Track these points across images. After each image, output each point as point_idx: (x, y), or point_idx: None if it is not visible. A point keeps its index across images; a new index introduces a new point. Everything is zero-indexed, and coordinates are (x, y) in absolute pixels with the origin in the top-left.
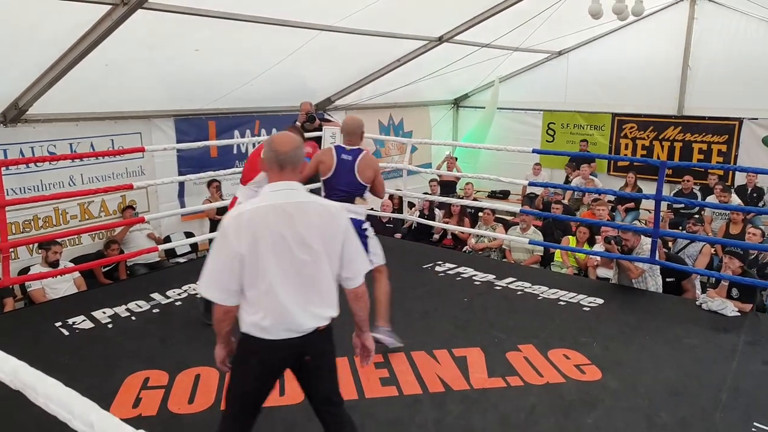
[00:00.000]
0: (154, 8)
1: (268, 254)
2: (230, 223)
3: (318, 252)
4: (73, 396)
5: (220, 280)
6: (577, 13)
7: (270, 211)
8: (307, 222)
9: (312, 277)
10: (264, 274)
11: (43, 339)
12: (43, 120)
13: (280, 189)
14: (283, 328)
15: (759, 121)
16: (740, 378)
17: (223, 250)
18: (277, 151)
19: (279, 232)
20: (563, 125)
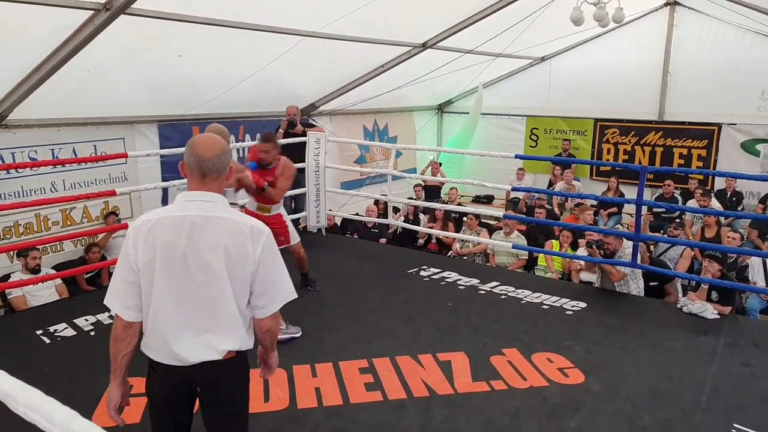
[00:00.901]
0: (137, 14)
1: (161, 271)
2: (131, 232)
3: (218, 274)
4: (53, 404)
5: (119, 292)
6: (559, 19)
7: (174, 223)
8: (212, 240)
9: (208, 302)
10: (154, 292)
11: (24, 347)
12: (24, 125)
13: (194, 199)
14: (166, 353)
15: (737, 126)
16: (720, 380)
17: (123, 262)
18: (199, 157)
19: (178, 248)
20: (546, 130)
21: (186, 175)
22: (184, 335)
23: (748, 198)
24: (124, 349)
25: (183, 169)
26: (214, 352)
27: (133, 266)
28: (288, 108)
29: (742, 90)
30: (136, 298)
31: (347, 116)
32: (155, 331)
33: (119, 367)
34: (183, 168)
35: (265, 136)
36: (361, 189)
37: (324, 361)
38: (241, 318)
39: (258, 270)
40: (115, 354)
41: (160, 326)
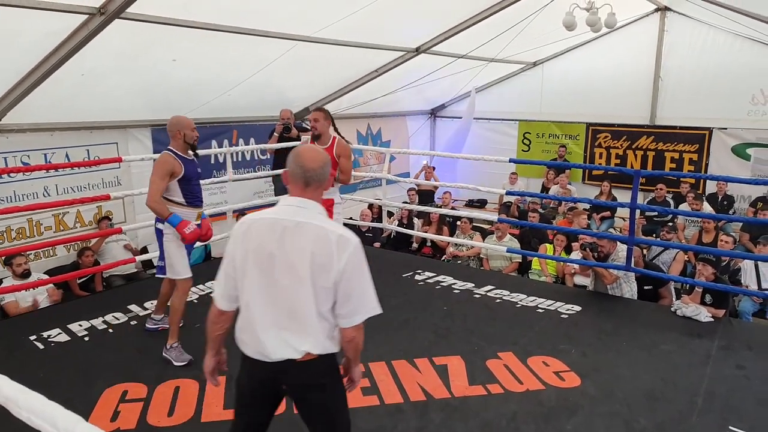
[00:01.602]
0: (132, 18)
1: (253, 269)
2: (234, 230)
3: (302, 278)
4: (56, 409)
5: (221, 280)
6: (551, 24)
7: (269, 225)
8: (300, 244)
9: (291, 303)
10: (246, 288)
11: (17, 352)
12: (16, 130)
13: (291, 204)
14: (254, 348)
15: (728, 130)
16: (715, 382)
17: (226, 255)
18: (303, 168)
19: (269, 250)
20: (539, 135)
21: (289, 183)
22: (269, 332)
23: (739, 202)
24: (218, 330)
25: (286, 177)
26: (293, 351)
27: (231, 260)
28: (282, 112)
29: (732, 94)
30: (234, 290)
31: (341, 120)
32: (246, 326)
33: (213, 342)
34: (286, 176)
35: (321, 107)
36: (355, 193)
37: None
38: (320, 323)
39: (342, 280)
40: (210, 333)
41: (250, 322)
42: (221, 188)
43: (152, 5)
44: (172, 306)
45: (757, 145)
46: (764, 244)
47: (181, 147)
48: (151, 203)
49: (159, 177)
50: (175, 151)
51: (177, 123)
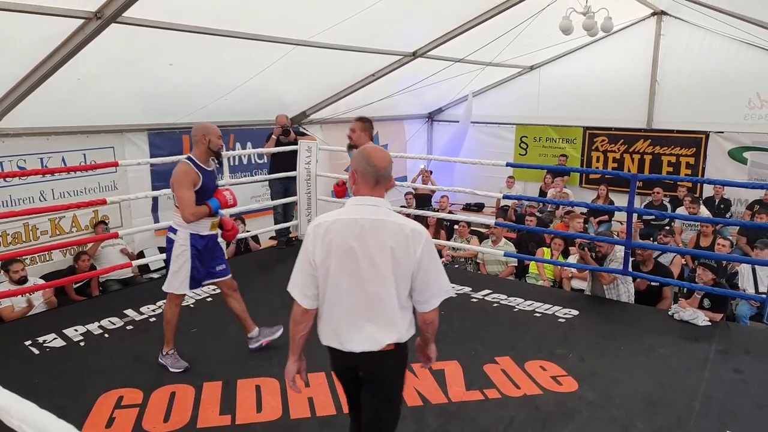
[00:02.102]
0: (128, 23)
1: (336, 267)
2: (310, 231)
3: (384, 273)
4: (48, 418)
5: (298, 281)
6: (548, 28)
7: (347, 224)
8: (380, 240)
9: (374, 297)
10: (330, 286)
11: (12, 358)
12: (12, 134)
13: (364, 204)
14: (336, 341)
15: (725, 134)
16: (713, 386)
17: (303, 256)
18: (376, 167)
19: (351, 248)
20: (536, 139)
21: (356, 182)
22: (352, 326)
23: (736, 205)
24: (302, 331)
25: (353, 177)
26: (374, 343)
27: (311, 261)
28: (278, 117)
29: (728, 98)
30: (314, 288)
31: (338, 125)
32: (329, 320)
33: (296, 346)
34: (353, 176)
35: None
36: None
37: (316, 370)
38: (401, 313)
39: (419, 269)
40: (294, 335)
41: (333, 317)
42: None
43: (149, 10)
44: (165, 317)
45: (754, 149)
46: (761, 248)
47: (203, 154)
48: (190, 217)
49: (186, 189)
50: (195, 160)
51: (203, 128)
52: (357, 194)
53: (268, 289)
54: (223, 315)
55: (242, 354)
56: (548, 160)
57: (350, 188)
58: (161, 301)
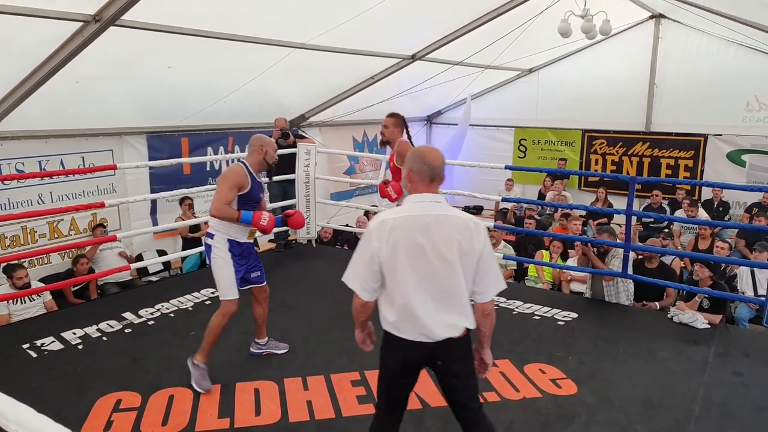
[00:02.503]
0: (127, 25)
1: (405, 262)
2: (374, 228)
3: (453, 264)
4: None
5: (360, 275)
6: (546, 31)
7: (412, 221)
8: (446, 234)
9: (447, 287)
10: (400, 280)
11: (10, 362)
12: (11, 137)
13: (424, 200)
14: (416, 331)
15: (723, 137)
16: (712, 389)
17: (366, 251)
18: (431, 165)
19: (418, 242)
20: (534, 141)
21: (412, 180)
22: (432, 315)
23: (735, 208)
24: (363, 317)
25: (410, 176)
26: (454, 329)
27: (375, 257)
28: (276, 121)
29: (727, 101)
30: (375, 282)
31: (336, 127)
32: (405, 313)
33: (360, 323)
34: (410, 175)
35: (392, 113)
36: (351, 200)
37: (316, 373)
38: (469, 302)
39: (481, 259)
40: (357, 318)
41: (409, 309)
42: None
43: (148, 13)
44: (209, 325)
45: (752, 152)
46: (760, 251)
47: (257, 164)
48: (215, 213)
49: (227, 186)
50: (249, 166)
51: (261, 139)
52: (414, 192)
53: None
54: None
55: (241, 357)
56: (547, 162)
57: (405, 187)
58: (160, 304)
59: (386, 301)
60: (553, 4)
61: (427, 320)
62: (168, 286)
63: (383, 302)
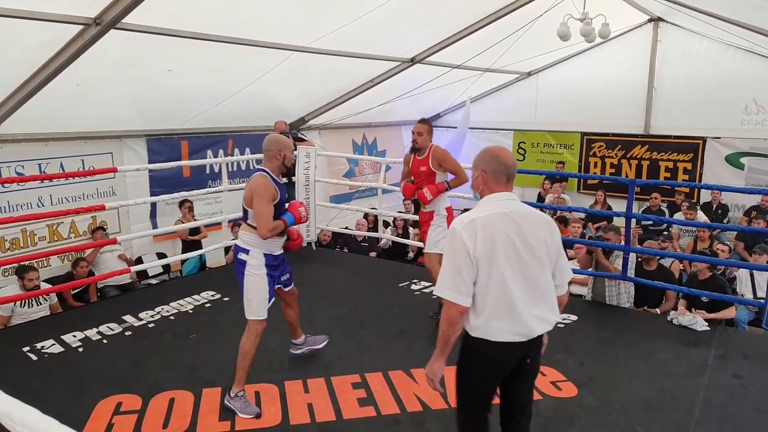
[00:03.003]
0: (128, 28)
1: (502, 259)
2: (464, 228)
3: (542, 260)
4: (51, 424)
5: (457, 280)
6: (545, 35)
7: (501, 218)
8: (532, 230)
9: (538, 282)
10: (498, 276)
11: (10, 364)
12: (11, 140)
13: (506, 199)
14: (511, 331)
15: (722, 140)
16: (712, 392)
17: (460, 253)
18: (506, 165)
19: (511, 239)
20: (533, 144)
21: (486, 181)
22: (530, 312)
23: (734, 210)
24: (457, 332)
25: (483, 177)
26: (548, 324)
27: (471, 258)
28: (276, 124)
29: (725, 104)
30: (471, 287)
31: (336, 130)
32: (502, 312)
33: (449, 347)
34: (484, 176)
35: (422, 119)
36: (351, 203)
37: (316, 376)
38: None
39: (558, 254)
40: (449, 337)
41: (509, 307)
42: (216, 198)
43: (148, 16)
44: (241, 349)
45: (751, 155)
46: (759, 254)
47: (276, 169)
48: (268, 234)
49: (266, 202)
50: (270, 173)
51: (277, 142)
52: (490, 192)
53: None
54: (222, 321)
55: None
56: (546, 165)
57: (474, 188)
58: (159, 307)
59: (476, 305)
60: (552, 7)
61: (525, 316)
62: (168, 289)
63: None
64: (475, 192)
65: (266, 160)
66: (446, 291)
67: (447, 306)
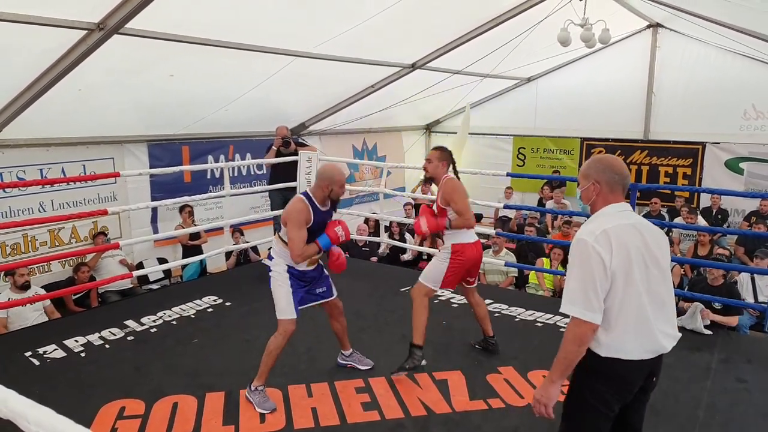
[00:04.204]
0: (131, 34)
1: (637, 271)
2: (597, 238)
3: (666, 271)
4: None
5: (588, 297)
6: (545, 41)
7: (627, 229)
8: (656, 242)
9: (662, 296)
10: (632, 292)
11: (12, 369)
12: (12, 145)
13: (625, 209)
14: (645, 348)
15: (721, 145)
16: (716, 396)
17: (594, 265)
18: (622, 175)
19: (640, 251)
20: (533, 149)
21: (601, 192)
22: (660, 327)
23: (733, 215)
24: (584, 352)
25: (596, 187)
26: (674, 340)
27: (607, 271)
28: (278, 129)
29: (724, 109)
30: (602, 302)
31: (336, 136)
32: (638, 329)
33: (570, 370)
34: (596, 187)
35: (437, 147)
36: (351, 208)
37: (319, 380)
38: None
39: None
40: (574, 359)
41: (643, 324)
42: (217, 203)
43: (151, 21)
44: (267, 347)
45: (750, 160)
46: (762, 258)
47: (322, 199)
48: (298, 259)
49: (298, 228)
50: (313, 198)
51: (329, 176)
52: (605, 203)
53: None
54: (224, 325)
55: (244, 364)
56: (546, 171)
57: (584, 200)
58: (161, 312)
59: (608, 320)
60: (552, 12)
61: (657, 332)
62: (169, 293)
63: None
64: (584, 204)
65: (315, 186)
66: (577, 308)
67: (576, 324)
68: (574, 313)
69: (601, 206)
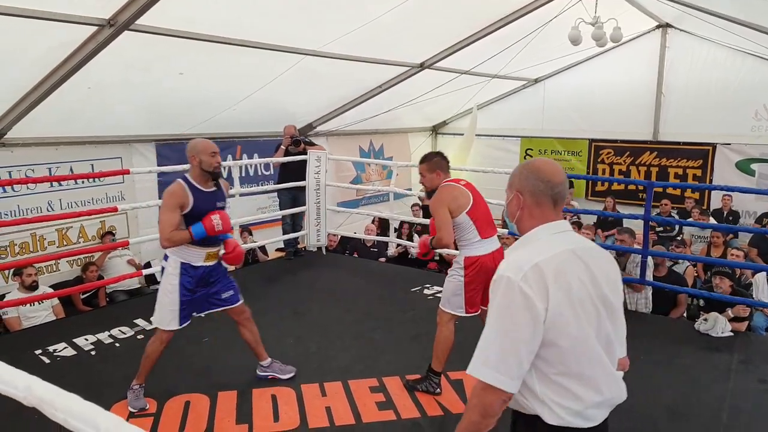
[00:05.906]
0: (142, 30)
1: (581, 316)
2: (527, 276)
3: (616, 308)
4: (96, 411)
5: (505, 358)
6: (553, 41)
7: (569, 259)
8: (603, 272)
9: (611, 338)
10: (584, 338)
11: (22, 367)
12: (21, 144)
13: (562, 230)
14: (607, 405)
15: (732, 146)
16: (738, 397)
17: (519, 318)
18: (551, 183)
19: (585, 286)
20: (541, 151)
21: (524, 206)
22: (613, 381)
23: (744, 217)
24: (491, 425)
25: (519, 200)
26: (624, 393)
27: (539, 325)
28: (286, 128)
29: (735, 110)
30: (527, 366)
31: (343, 136)
32: (592, 386)
33: None
34: (519, 199)
35: (422, 157)
36: (358, 208)
37: (333, 380)
38: None
39: (621, 301)
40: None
41: (596, 379)
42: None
43: (162, 18)
44: (146, 350)
45: (761, 161)
46: None
47: (197, 176)
48: (165, 243)
49: (168, 210)
50: (190, 180)
51: (192, 147)
52: (533, 221)
53: (277, 299)
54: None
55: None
56: None
57: (508, 215)
58: None
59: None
60: (564, 10)
61: (613, 389)
62: None
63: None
64: (510, 221)
65: (190, 168)
66: (489, 372)
67: (483, 390)
68: (486, 378)
69: (529, 225)
